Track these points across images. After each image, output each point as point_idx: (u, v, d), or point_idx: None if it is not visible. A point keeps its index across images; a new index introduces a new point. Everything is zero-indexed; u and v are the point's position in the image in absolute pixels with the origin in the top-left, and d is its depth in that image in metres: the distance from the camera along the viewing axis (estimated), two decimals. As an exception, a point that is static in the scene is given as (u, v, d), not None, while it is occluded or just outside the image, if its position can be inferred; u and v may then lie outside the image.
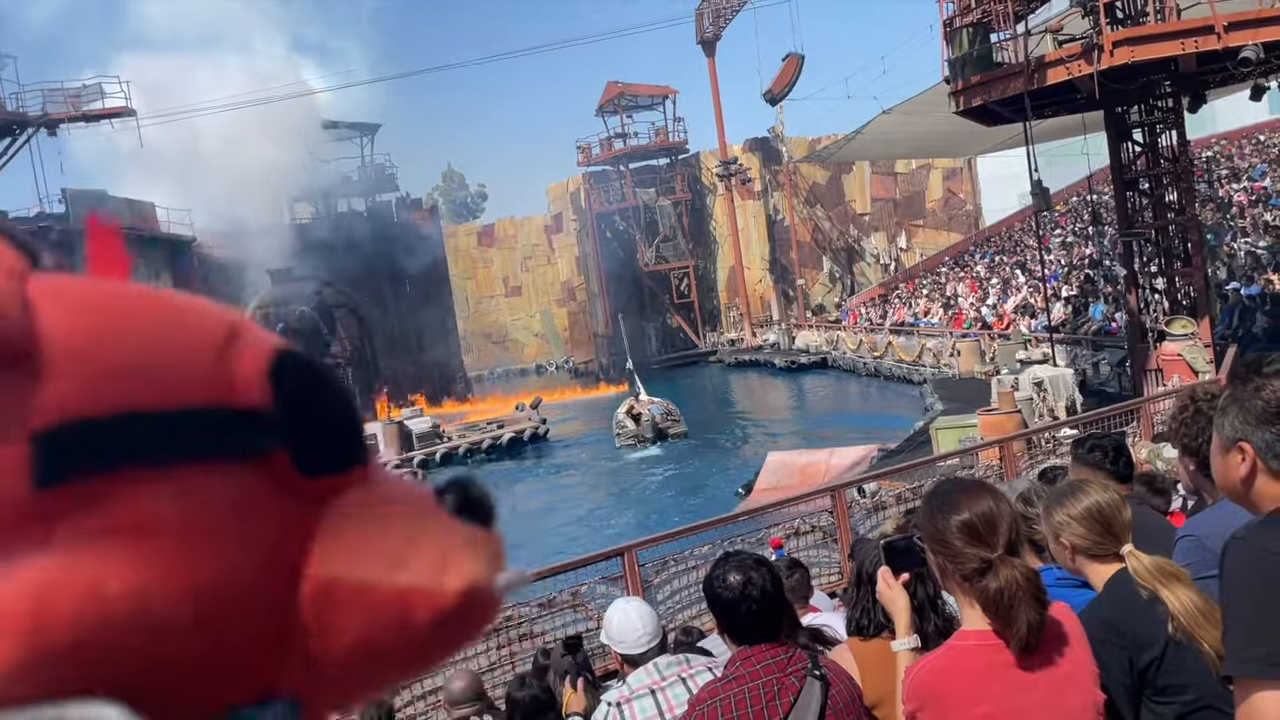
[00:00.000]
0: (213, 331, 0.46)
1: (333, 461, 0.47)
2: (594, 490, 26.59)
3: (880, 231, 52.81)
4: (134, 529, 0.40)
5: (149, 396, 0.42)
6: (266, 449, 0.44)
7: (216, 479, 0.43)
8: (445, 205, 75.04)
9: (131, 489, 0.40)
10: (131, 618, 0.39)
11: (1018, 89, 16.54)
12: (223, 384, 0.44)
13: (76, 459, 0.40)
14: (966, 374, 28.20)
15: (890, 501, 9.71)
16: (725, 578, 2.72)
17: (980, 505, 2.29)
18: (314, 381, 0.48)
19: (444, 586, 0.47)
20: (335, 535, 0.46)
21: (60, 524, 0.39)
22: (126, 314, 0.44)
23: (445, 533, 0.49)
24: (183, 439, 0.42)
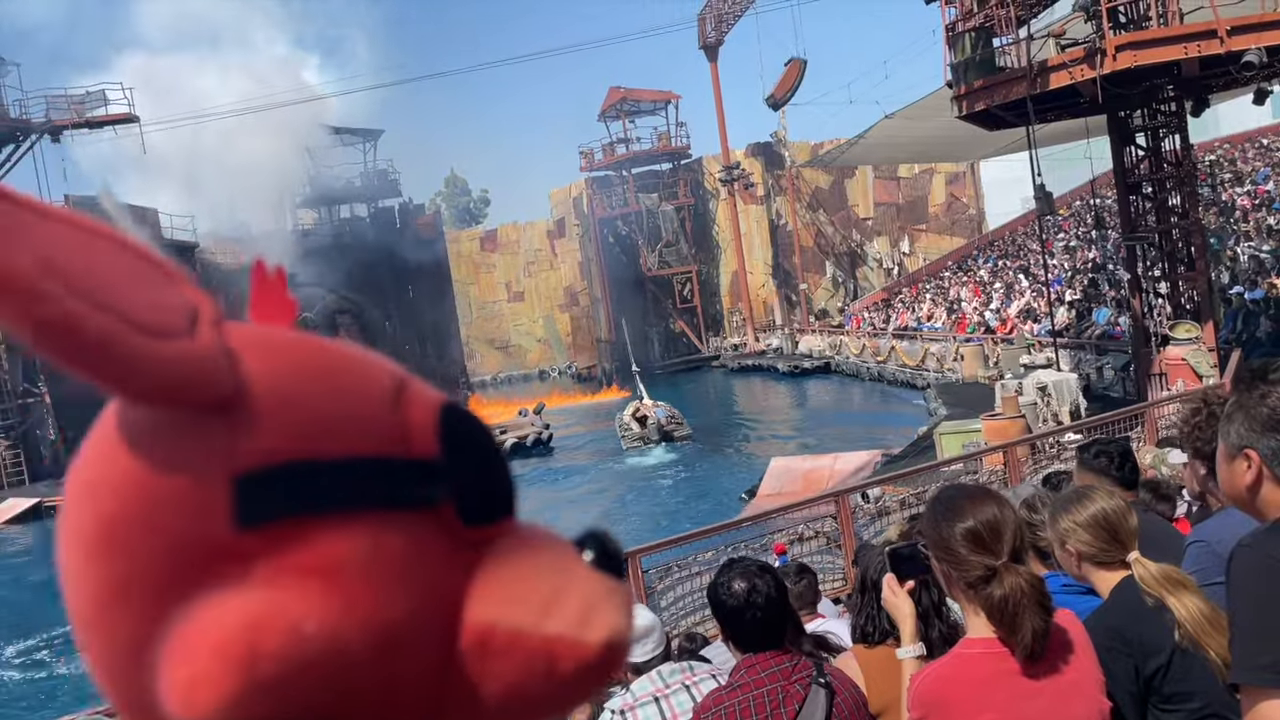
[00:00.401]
0: (384, 384, 0.49)
1: (490, 512, 0.51)
2: (597, 496, 26.59)
3: (883, 236, 52.80)
4: (324, 571, 0.43)
5: (337, 445, 0.45)
6: (436, 499, 0.48)
7: (395, 526, 0.46)
8: (448, 211, 75.15)
9: (322, 533, 0.44)
10: (326, 654, 0.42)
11: (1020, 93, 16.55)
12: (398, 435, 0.47)
13: (273, 503, 0.43)
14: (970, 379, 28.17)
15: (894, 507, 9.69)
16: (730, 585, 2.71)
17: (984, 512, 2.28)
18: (477, 436, 0.51)
19: (588, 638, 0.49)
20: (491, 582, 0.49)
21: (258, 563, 0.43)
22: (314, 366, 0.47)
23: (587, 584, 0.51)
24: (366, 487, 0.45)
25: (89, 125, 35.45)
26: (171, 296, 0.45)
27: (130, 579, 0.43)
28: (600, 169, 55.07)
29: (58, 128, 34.76)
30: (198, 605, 0.42)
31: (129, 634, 0.44)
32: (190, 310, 0.45)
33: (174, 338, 0.43)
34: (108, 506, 0.45)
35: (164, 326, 0.43)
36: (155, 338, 0.43)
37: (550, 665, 0.49)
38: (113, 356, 0.42)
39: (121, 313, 0.42)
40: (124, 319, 0.42)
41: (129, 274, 0.44)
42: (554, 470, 30.78)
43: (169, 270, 0.46)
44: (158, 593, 0.43)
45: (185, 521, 0.43)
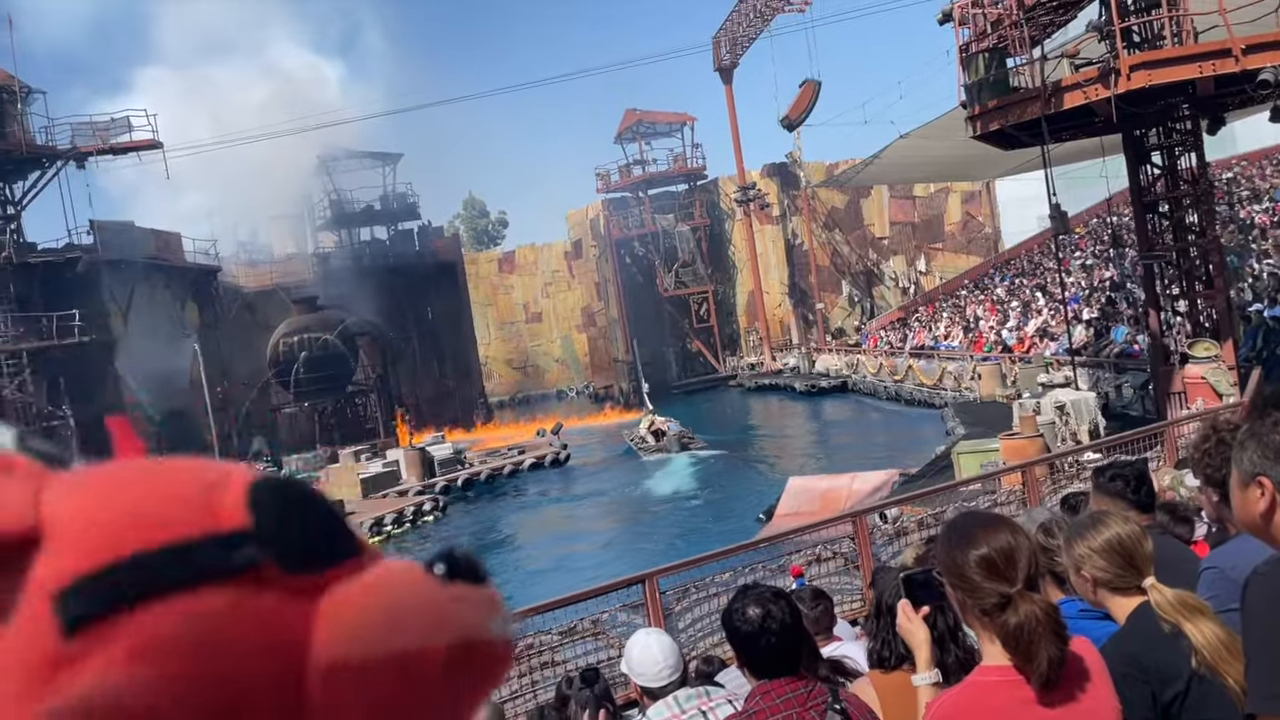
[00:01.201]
0: (197, 479, 0.52)
1: (319, 558, 0.52)
2: (614, 515, 26.56)
3: (899, 255, 52.73)
4: (150, 650, 0.46)
5: (145, 538, 0.48)
6: (255, 561, 0.50)
7: (214, 595, 0.48)
8: (466, 232, 75.53)
9: (143, 618, 0.46)
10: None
11: (1035, 113, 16.56)
12: (208, 516, 0.50)
13: (91, 604, 0.46)
14: (988, 397, 28.05)
15: (912, 527, 9.66)
16: (744, 610, 2.73)
17: (998, 540, 2.29)
18: (289, 496, 0.53)
19: (435, 643, 0.51)
20: (332, 622, 0.51)
21: (87, 661, 0.45)
22: (120, 480, 0.51)
23: (431, 595, 0.53)
24: (179, 567, 0.48)
25: (113, 151, 35.90)
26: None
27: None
28: (617, 190, 55.32)
29: (83, 154, 35.22)
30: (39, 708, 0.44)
31: None
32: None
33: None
34: None
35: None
36: None
37: (406, 681, 0.51)
38: None
39: None
40: None
41: None
42: (572, 491, 30.78)
43: None
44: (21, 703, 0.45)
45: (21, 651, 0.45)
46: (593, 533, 24.56)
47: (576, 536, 24.21)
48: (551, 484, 31.79)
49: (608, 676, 5.62)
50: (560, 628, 7.72)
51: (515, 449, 35.12)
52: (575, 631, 7.75)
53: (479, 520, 27.86)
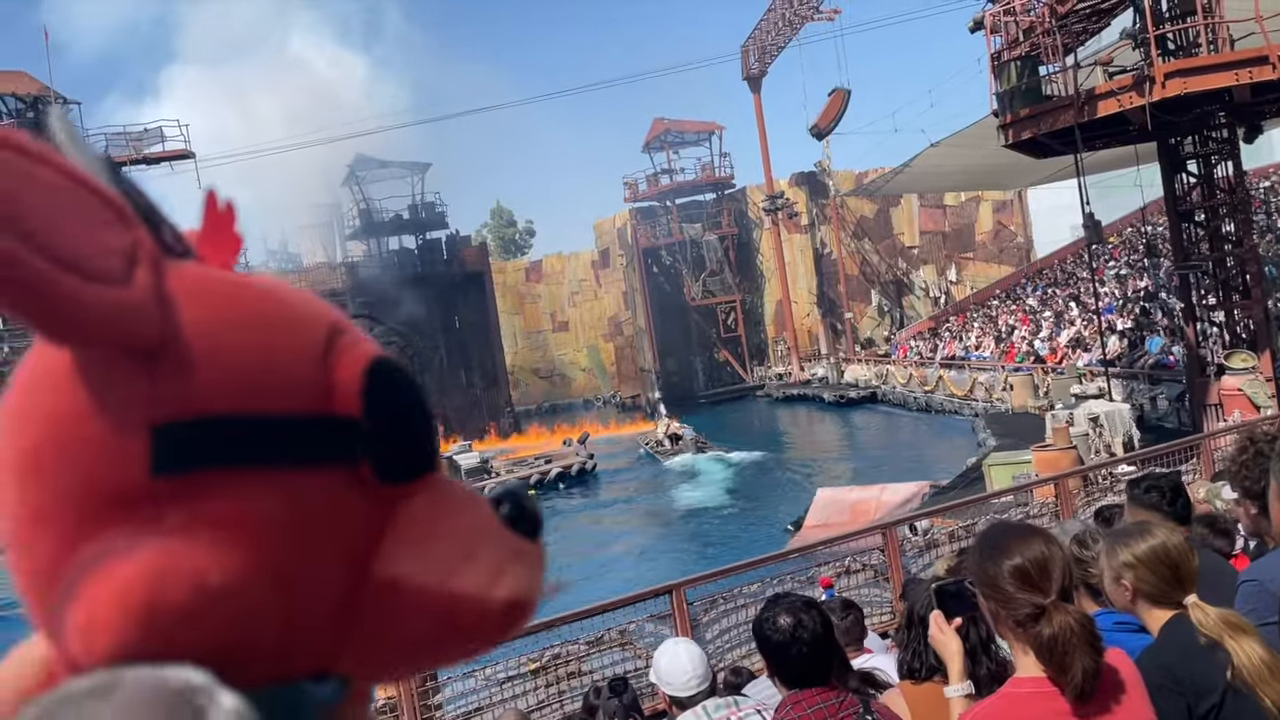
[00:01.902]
0: (317, 335, 0.50)
1: (409, 470, 0.52)
2: (642, 526, 26.53)
3: (929, 264, 52.43)
4: (234, 523, 0.45)
5: (260, 401, 0.46)
6: (355, 457, 0.49)
7: (309, 481, 0.47)
8: (494, 242, 75.90)
9: (235, 486, 0.45)
10: (227, 607, 0.44)
11: (1068, 122, 16.42)
12: (323, 392, 0.49)
13: (190, 454, 0.45)
14: (1019, 409, 27.78)
15: (943, 539, 9.56)
16: (775, 620, 2.71)
17: (1032, 550, 2.26)
18: (403, 395, 0.52)
19: (492, 595, 0.52)
20: (402, 538, 0.51)
21: (171, 510, 0.44)
22: (247, 319, 0.48)
23: (498, 544, 0.54)
24: (284, 444, 0.47)
25: (146, 161, 36.42)
26: (113, 236, 0.45)
27: (48, 509, 0.45)
28: (644, 200, 55.41)
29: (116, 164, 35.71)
30: (107, 548, 0.43)
31: (46, 558, 0.45)
32: (130, 252, 0.45)
33: (107, 282, 0.43)
34: (30, 439, 0.46)
35: (99, 270, 0.43)
36: (88, 281, 0.43)
37: (453, 620, 0.51)
38: (43, 300, 0.42)
39: (57, 255, 0.42)
40: (58, 261, 0.42)
41: (71, 210, 0.44)
42: (599, 500, 30.78)
43: (115, 206, 0.46)
44: (73, 526, 0.44)
45: (101, 463, 0.44)
46: (620, 543, 24.54)
47: (603, 546, 24.20)
48: (578, 493, 31.82)
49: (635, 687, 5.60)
50: (587, 638, 7.70)
51: (542, 458, 35.20)
52: (602, 642, 7.73)
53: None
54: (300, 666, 0.48)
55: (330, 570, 0.48)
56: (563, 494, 31.73)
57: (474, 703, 7.16)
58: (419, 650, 0.53)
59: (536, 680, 7.39)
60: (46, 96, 34.64)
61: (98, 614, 0.43)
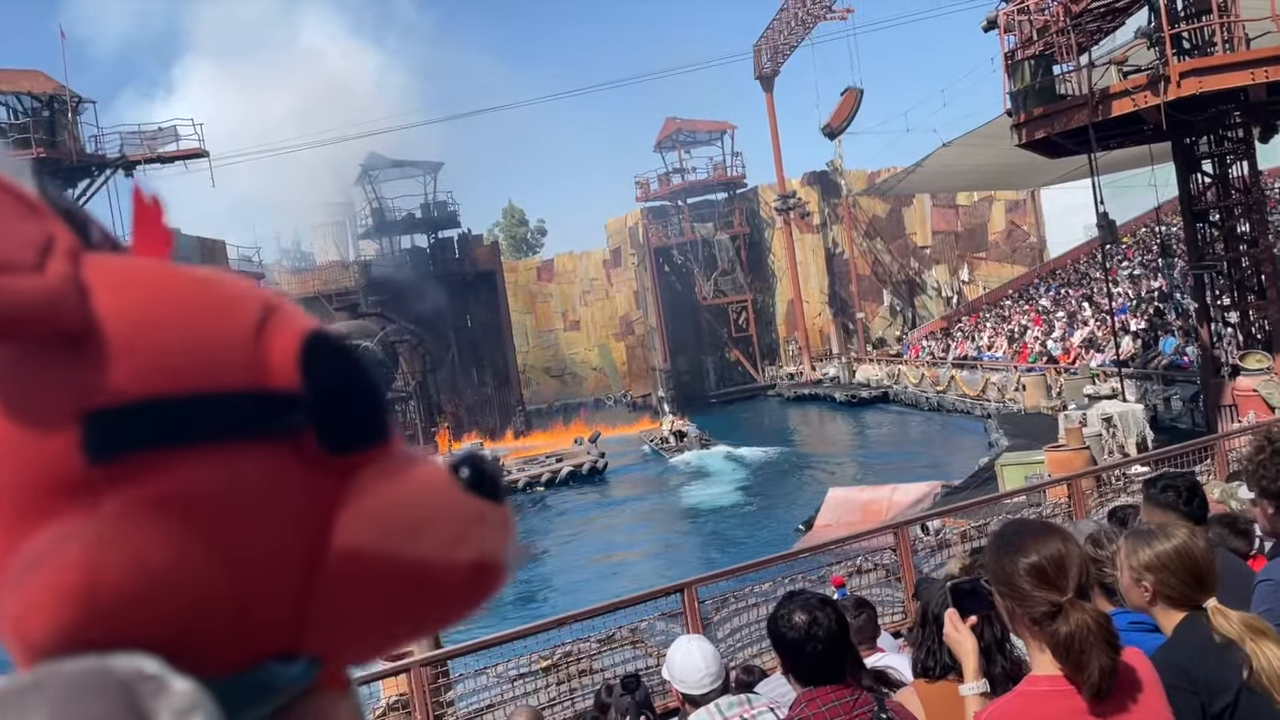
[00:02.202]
0: (249, 314, 0.49)
1: (357, 439, 0.51)
2: (653, 525, 26.53)
3: (941, 264, 52.28)
4: (175, 502, 0.44)
5: (190, 380, 0.45)
6: (297, 429, 0.48)
7: (250, 456, 0.46)
8: (505, 241, 75.98)
9: (173, 466, 0.44)
10: (171, 587, 0.43)
11: (1082, 121, 16.36)
12: (257, 368, 0.48)
13: (123, 437, 0.44)
14: (1032, 409, 27.68)
15: (955, 540, 9.53)
16: (790, 617, 2.71)
17: (1049, 547, 2.25)
18: (341, 365, 0.51)
19: (455, 559, 0.51)
20: (359, 508, 0.50)
21: (108, 496, 0.43)
22: (173, 300, 0.48)
23: (459, 507, 0.53)
24: (220, 420, 0.46)
25: (161, 160, 36.55)
26: (26, 230, 0.45)
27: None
28: (656, 199, 55.40)
29: (131, 162, 35.90)
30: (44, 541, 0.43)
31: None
32: (44, 243, 0.45)
33: (17, 271, 0.43)
34: None
35: (8, 259, 0.43)
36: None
37: (419, 585, 0.50)
38: None
39: None
40: None
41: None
42: (610, 498, 30.80)
43: (29, 202, 0.46)
44: (11, 524, 0.44)
45: (34, 456, 0.44)
46: (631, 541, 24.55)
47: (614, 545, 24.21)
48: (589, 492, 31.84)
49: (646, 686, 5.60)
50: (598, 635, 7.71)
51: (553, 457, 35.24)
52: (614, 640, 7.74)
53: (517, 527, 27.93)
54: (263, 648, 0.47)
55: (282, 544, 0.47)
56: (574, 492, 31.75)
57: (485, 699, 7.17)
58: (387, 621, 0.52)
59: (548, 678, 7.40)
60: (62, 95, 34.81)
61: (33, 602, 0.42)
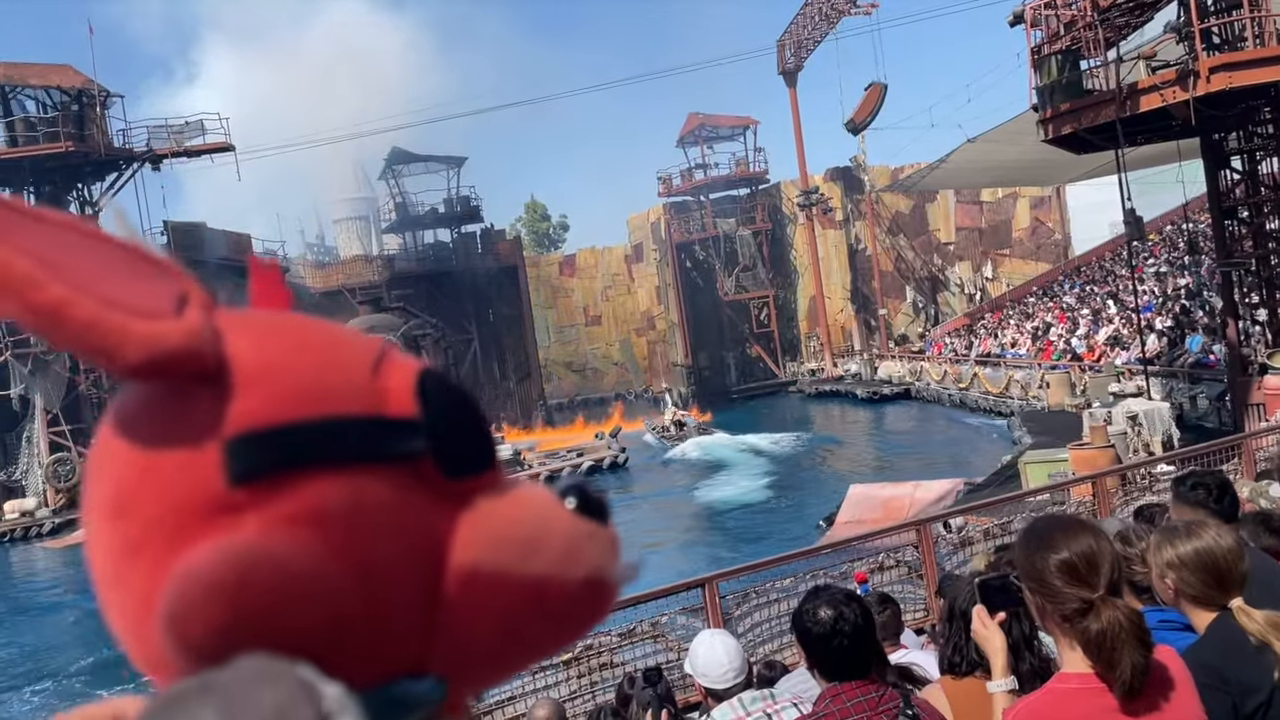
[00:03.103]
0: (365, 353, 0.53)
1: (471, 465, 0.54)
2: (674, 519, 26.53)
3: (965, 261, 51.96)
4: (310, 518, 0.48)
5: (316, 408, 0.50)
6: (417, 454, 0.52)
7: (376, 479, 0.50)
8: (528, 236, 76.12)
9: (307, 486, 0.48)
10: (311, 591, 0.47)
11: (1109, 116, 16.22)
12: (377, 397, 0.52)
13: (260, 461, 0.48)
14: (1056, 407, 27.48)
15: (978, 537, 9.47)
16: (816, 612, 2.70)
17: (1080, 543, 2.23)
18: (454, 396, 0.55)
19: (570, 574, 0.54)
20: (476, 529, 0.53)
21: (249, 515, 0.47)
22: (297, 340, 0.52)
23: (569, 527, 0.56)
24: (346, 443, 0.50)
25: (187, 154, 36.84)
26: (164, 286, 0.50)
27: (139, 538, 0.48)
28: (678, 194, 55.31)
29: (158, 156, 36.20)
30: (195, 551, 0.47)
31: (140, 588, 0.48)
32: (181, 296, 0.50)
33: (161, 318, 0.48)
34: (114, 477, 0.50)
35: (151, 309, 0.48)
36: (142, 317, 0.47)
37: (538, 603, 0.53)
38: (101, 334, 0.46)
39: (110, 297, 0.47)
40: (112, 302, 0.47)
41: (124, 268, 0.49)
42: (630, 493, 30.82)
43: (164, 265, 0.51)
44: (164, 548, 0.47)
45: (182, 483, 0.48)
46: (652, 535, 24.56)
47: (635, 539, 24.23)
48: (610, 486, 31.88)
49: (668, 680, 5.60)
50: (619, 629, 7.71)
51: (574, 451, 35.31)
52: (634, 633, 7.74)
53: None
54: (395, 665, 0.50)
55: (410, 562, 0.51)
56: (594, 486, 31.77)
57: (507, 691, 7.19)
58: (506, 640, 0.54)
59: (569, 670, 7.41)
60: (90, 90, 35.13)
61: (191, 600, 0.45)
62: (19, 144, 34.12)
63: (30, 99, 35.46)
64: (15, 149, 33.98)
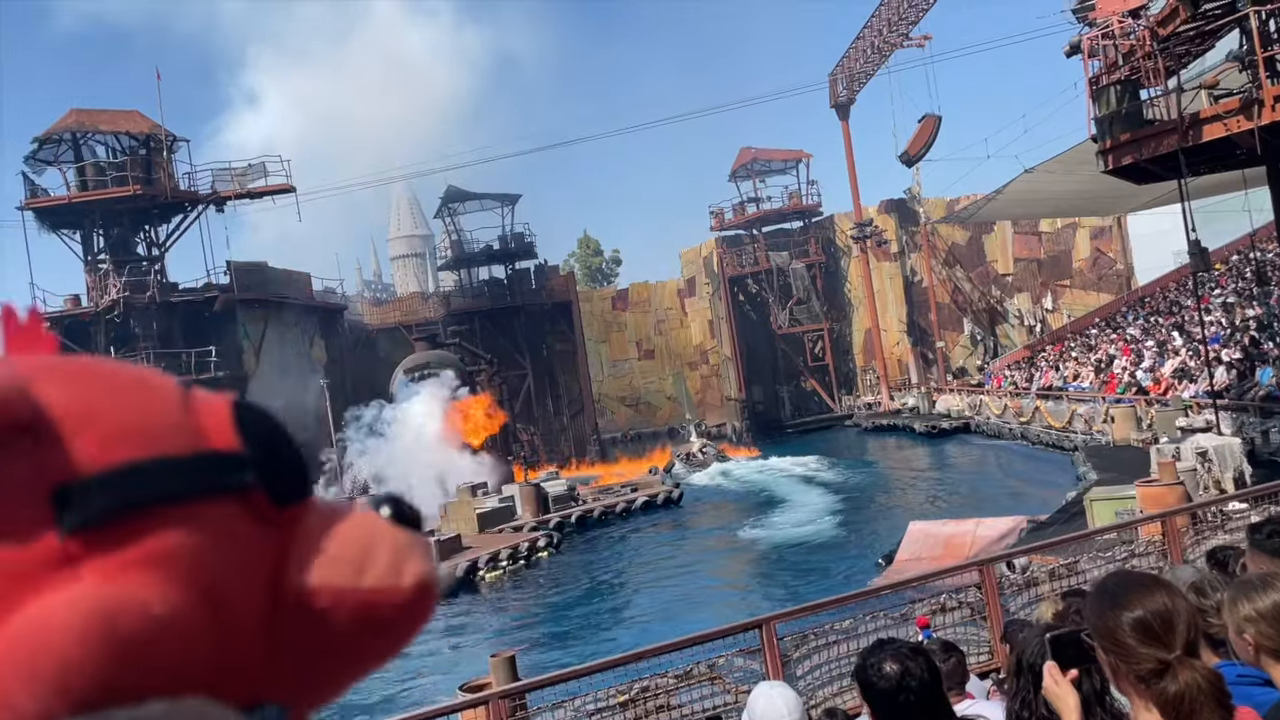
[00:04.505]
0: (170, 389, 0.54)
1: (295, 492, 0.55)
2: (729, 556, 26.32)
3: (1024, 292, 51.22)
4: (154, 560, 0.48)
5: (139, 449, 0.50)
6: (245, 486, 0.53)
7: (210, 513, 0.51)
8: (581, 271, 76.69)
9: (144, 528, 0.48)
10: (174, 633, 0.47)
11: (1171, 146, 15.94)
12: (195, 433, 0.52)
13: (92, 508, 0.47)
14: (1121, 441, 26.85)
15: (1043, 578, 9.24)
16: (881, 666, 2.65)
17: (1154, 601, 2.17)
18: (271, 426, 0.56)
19: (401, 583, 0.55)
20: (306, 551, 0.54)
21: (88, 564, 0.47)
22: (105, 383, 0.52)
23: (392, 538, 0.57)
24: (173, 481, 0.50)
25: (250, 196, 37.78)
26: None
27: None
28: (731, 228, 55.39)
29: (222, 198, 37.18)
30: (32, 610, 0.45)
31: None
32: None
33: None
34: None
35: None
36: None
37: (371, 614, 0.54)
38: None
39: None
40: None
41: None
42: (686, 528, 30.65)
43: None
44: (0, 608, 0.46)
45: (15, 540, 0.46)
46: (707, 573, 24.36)
47: (691, 576, 24.06)
48: (665, 522, 31.73)
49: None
50: (676, 671, 7.64)
51: (628, 486, 35.22)
52: (691, 675, 7.65)
53: (593, 558, 27.95)
54: (233, 696, 0.50)
55: (249, 593, 0.51)
56: (649, 522, 31.67)
57: (564, 734, 7.15)
58: (346, 655, 0.55)
59: (625, 713, 7.35)
60: (158, 134, 36.25)
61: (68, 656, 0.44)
62: (89, 187, 35.26)
63: (100, 144, 36.69)
64: (85, 193, 35.12)
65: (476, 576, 25.38)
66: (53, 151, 35.84)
